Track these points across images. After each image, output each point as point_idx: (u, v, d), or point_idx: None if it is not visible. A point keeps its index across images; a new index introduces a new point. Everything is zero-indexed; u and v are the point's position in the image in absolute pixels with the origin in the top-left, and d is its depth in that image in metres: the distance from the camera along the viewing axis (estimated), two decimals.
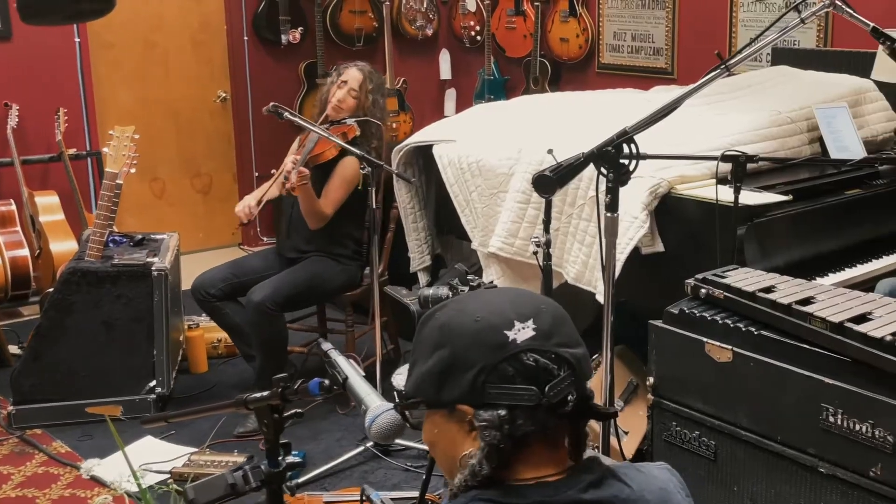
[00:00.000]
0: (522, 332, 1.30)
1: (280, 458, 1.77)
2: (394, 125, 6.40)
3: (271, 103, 3.77)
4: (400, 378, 3.35)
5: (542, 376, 1.29)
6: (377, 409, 1.60)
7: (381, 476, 3.49)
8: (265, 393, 1.71)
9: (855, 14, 2.64)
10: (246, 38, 6.25)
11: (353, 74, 4.13)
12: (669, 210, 3.32)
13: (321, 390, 1.67)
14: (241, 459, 3.41)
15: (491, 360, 1.28)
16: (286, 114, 3.76)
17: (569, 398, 1.30)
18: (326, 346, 1.87)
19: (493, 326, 1.31)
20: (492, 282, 3.77)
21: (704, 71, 2.67)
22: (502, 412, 1.28)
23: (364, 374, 1.78)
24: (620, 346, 3.66)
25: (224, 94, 6.30)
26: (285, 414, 1.73)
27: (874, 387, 2.24)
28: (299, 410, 1.74)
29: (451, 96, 7.06)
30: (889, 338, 2.22)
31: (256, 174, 6.27)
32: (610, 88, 5.26)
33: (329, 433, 3.85)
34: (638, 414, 3.41)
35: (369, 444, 3.65)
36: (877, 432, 2.23)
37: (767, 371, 2.44)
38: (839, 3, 2.52)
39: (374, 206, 3.62)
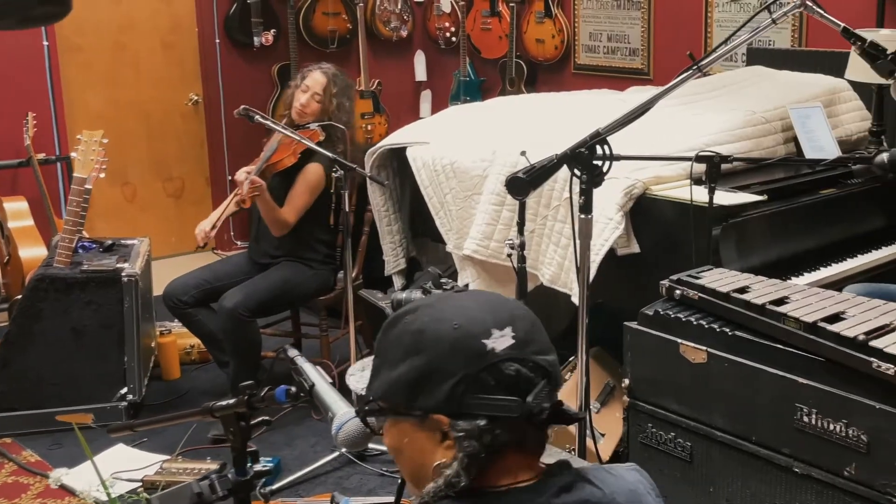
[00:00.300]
0: (501, 341, 1.29)
1: (248, 466, 1.77)
2: (368, 127, 6.40)
3: (242, 106, 3.77)
4: (355, 380, 3.33)
5: (523, 386, 1.28)
6: (344, 416, 1.59)
7: (356, 482, 3.49)
8: (231, 401, 1.71)
9: (826, 14, 2.66)
10: (218, 40, 6.23)
11: (316, 78, 4.12)
12: (645, 211, 3.34)
13: (288, 398, 1.67)
14: (214, 467, 3.39)
15: (471, 370, 1.27)
16: (257, 117, 3.76)
17: (545, 406, 1.30)
18: (293, 352, 1.86)
19: (471, 335, 1.29)
20: (467, 285, 3.79)
21: (680, 71, 2.69)
22: (482, 422, 1.26)
23: (331, 380, 1.78)
24: (596, 348, 3.67)
25: (196, 97, 6.28)
26: (252, 422, 1.73)
27: (848, 386, 2.26)
28: (267, 418, 1.74)
29: (426, 98, 7.06)
30: (862, 337, 2.24)
31: (230, 178, 6.24)
32: (586, 89, 5.27)
33: (303, 439, 3.84)
34: (615, 416, 3.42)
35: (344, 449, 3.64)
36: (850, 432, 2.25)
37: (742, 372, 2.46)
38: (810, 4, 2.55)
39: (346, 210, 3.61)
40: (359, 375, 3.39)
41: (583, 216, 2.64)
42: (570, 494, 1.31)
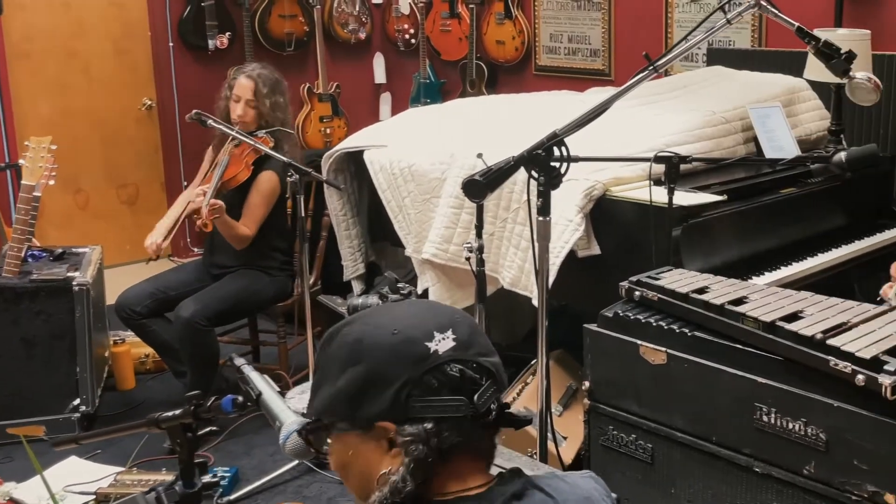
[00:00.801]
0: (443, 343, 1.29)
1: (195, 478, 1.76)
2: (327, 131, 6.39)
3: (194, 111, 3.75)
4: (293, 402, 3.33)
5: (468, 386, 1.29)
6: (292, 424, 1.57)
7: (315, 490, 3.48)
8: (177, 411, 1.71)
9: (780, 14, 2.70)
10: (171, 43, 6.19)
11: (243, 84, 4.07)
12: (605, 212, 3.37)
13: (234, 407, 1.67)
14: (169, 478, 3.37)
15: (414, 373, 1.27)
16: (210, 121, 3.74)
17: (492, 407, 1.31)
18: (239, 361, 1.85)
19: (412, 339, 1.29)
20: (426, 289, 3.80)
21: (636, 72, 2.71)
22: (429, 425, 1.26)
23: (279, 389, 1.77)
24: (559, 351, 3.70)
25: (149, 102, 6.24)
26: (199, 433, 1.73)
27: (806, 385, 2.29)
28: (215, 428, 1.74)
29: (386, 100, 7.06)
30: (819, 336, 2.28)
31: (185, 183, 6.20)
32: (547, 91, 5.30)
33: (262, 448, 3.82)
34: (577, 418, 3.43)
35: (293, 458, 3.63)
36: (809, 430, 2.28)
37: (701, 372, 2.49)
38: (764, 4, 2.58)
39: (302, 215, 3.60)
40: (298, 398, 3.39)
41: (541, 218, 2.66)
42: (520, 502, 1.31)
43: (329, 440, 1.38)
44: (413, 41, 6.69)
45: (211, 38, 6.14)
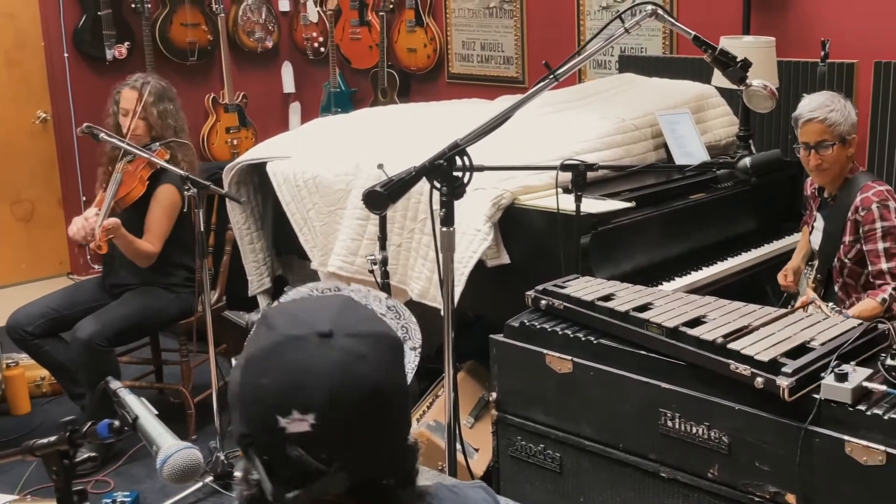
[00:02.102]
0: (295, 425, 1.20)
1: None
2: (234, 142, 6.37)
3: (85, 124, 3.72)
4: None
5: (303, 474, 1.21)
6: (169, 448, 1.56)
7: None
8: (52, 438, 1.70)
9: (676, 23, 2.80)
10: (66, 54, 6.11)
11: (127, 97, 4.05)
12: (514, 221, 3.44)
13: (111, 432, 1.66)
14: None
15: (257, 436, 1.23)
16: (102, 135, 3.71)
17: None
18: (115, 384, 1.82)
19: (271, 406, 1.21)
20: None
21: (536, 81, 2.78)
22: (253, 477, 1.23)
23: (156, 412, 1.75)
24: (471, 362, 3.75)
25: (44, 115, 6.14)
26: (77, 459, 1.72)
27: (708, 389, 2.38)
28: (94, 454, 1.74)
29: (295, 110, 7.07)
30: (720, 340, 2.37)
31: (84, 198, 6.13)
32: (461, 99, 5.38)
33: None
34: (489, 430, 3.48)
35: (208, 479, 3.62)
36: (713, 434, 2.36)
37: (607, 379, 2.56)
38: (661, 13, 2.67)
39: (202, 229, 3.60)
40: None
41: (444, 229, 2.69)
42: None
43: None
44: (322, 49, 6.71)
45: (109, 48, 6.07)
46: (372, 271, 3.14)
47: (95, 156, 5.36)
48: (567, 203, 3.19)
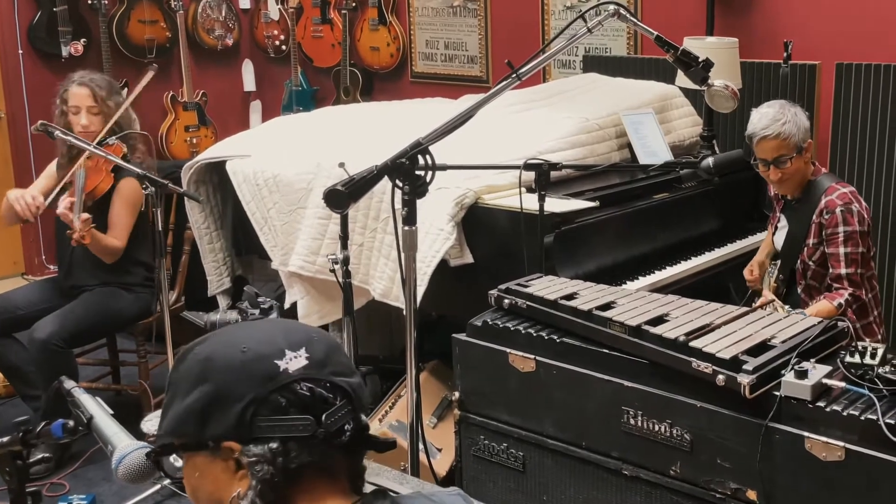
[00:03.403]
0: (294, 362, 1.30)
1: None
2: (193, 140, 6.36)
3: (39, 122, 3.71)
4: (150, 424, 3.33)
5: (318, 406, 1.30)
6: (125, 448, 1.57)
7: None
8: (4, 439, 1.70)
9: (639, 23, 2.85)
10: (21, 50, 6.07)
11: (77, 93, 4.03)
12: (477, 220, 3.47)
13: (65, 432, 1.66)
14: None
15: (261, 392, 1.28)
16: (57, 132, 3.70)
17: (346, 428, 1.32)
18: (69, 384, 1.82)
19: (262, 356, 1.30)
20: (294, 303, 3.83)
21: (499, 80, 2.81)
22: (274, 445, 1.27)
23: (112, 412, 1.76)
24: (435, 362, 3.78)
25: None
26: (31, 460, 1.72)
27: (671, 386, 2.43)
28: (48, 455, 1.74)
29: (256, 109, 7.06)
30: (682, 338, 2.41)
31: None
32: (424, 98, 5.40)
33: None
34: (452, 430, 3.51)
35: (166, 481, 3.62)
36: (675, 431, 2.41)
37: (570, 378, 2.60)
38: (623, 13, 2.71)
39: (160, 228, 3.60)
40: (154, 420, 3.38)
41: (406, 228, 2.72)
42: None
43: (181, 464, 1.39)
44: (284, 48, 6.71)
45: (64, 44, 6.04)
46: (333, 271, 3.15)
47: (51, 155, 5.34)
48: (531, 202, 3.23)
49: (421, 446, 2.97)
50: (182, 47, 6.29)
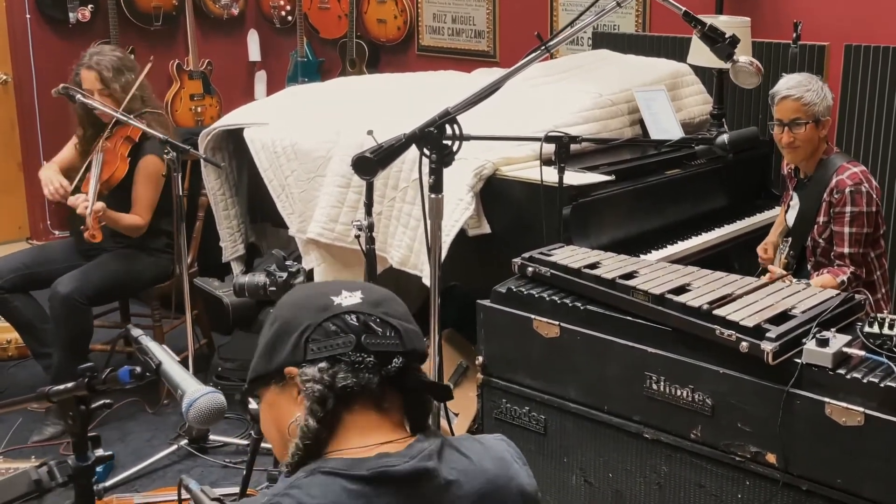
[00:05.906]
0: (349, 299, 1.45)
1: (88, 451, 1.80)
2: (198, 109, 6.39)
3: (61, 85, 3.73)
4: None
5: (364, 333, 1.42)
6: (194, 392, 1.65)
7: (198, 474, 3.55)
8: (70, 384, 1.74)
9: None
10: (29, 15, 6.09)
11: (87, 77, 4.03)
12: (495, 192, 3.53)
13: (132, 378, 1.71)
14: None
15: (315, 320, 1.42)
16: (79, 96, 3.73)
17: (394, 360, 1.42)
18: (137, 332, 1.89)
19: (320, 293, 1.46)
20: (311, 269, 3.89)
21: (528, 52, 2.86)
22: (323, 364, 1.39)
23: (178, 359, 1.82)
24: (448, 330, 3.85)
25: (5, 77, 6.11)
26: (93, 405, 1.78)
27: (693, 353, 2.50)
28: (108, 401, 1.80)
29: (261, 79, 7.09)
30: (706, 306, 2.48)
31: (45, 162, 6.11)
32: (430, 71, 5.44)
33: (137, 434, 3.88)
34: (468, 395, 3.60)
35: (183, 441, 3.70)
36: (696, 396, 2.49)
37: (593, 344, 2.68)
38: None
39: (180, 193, 3.64)
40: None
41: (433, 195, 2.77)
42: (438, 460, 1.42)
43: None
44: (290, 18, 6.74)
45: (72, 10, 6.06)
46: (357, 237, 3.21)
47: (56, 120, 5.36)
48: (549, 175, 3.29)
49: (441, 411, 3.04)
50: (188, 15, 6.33)
